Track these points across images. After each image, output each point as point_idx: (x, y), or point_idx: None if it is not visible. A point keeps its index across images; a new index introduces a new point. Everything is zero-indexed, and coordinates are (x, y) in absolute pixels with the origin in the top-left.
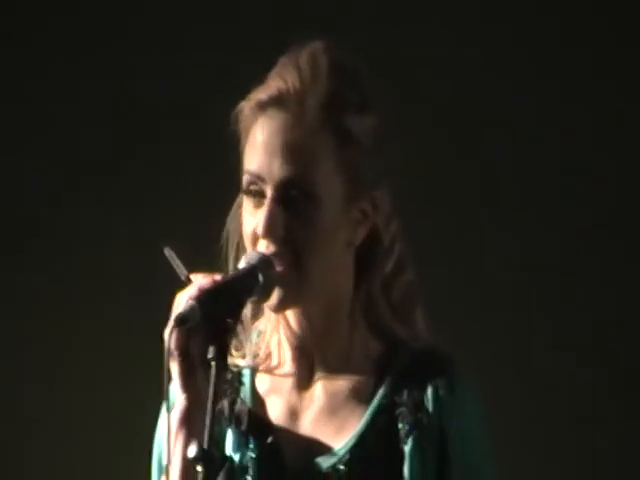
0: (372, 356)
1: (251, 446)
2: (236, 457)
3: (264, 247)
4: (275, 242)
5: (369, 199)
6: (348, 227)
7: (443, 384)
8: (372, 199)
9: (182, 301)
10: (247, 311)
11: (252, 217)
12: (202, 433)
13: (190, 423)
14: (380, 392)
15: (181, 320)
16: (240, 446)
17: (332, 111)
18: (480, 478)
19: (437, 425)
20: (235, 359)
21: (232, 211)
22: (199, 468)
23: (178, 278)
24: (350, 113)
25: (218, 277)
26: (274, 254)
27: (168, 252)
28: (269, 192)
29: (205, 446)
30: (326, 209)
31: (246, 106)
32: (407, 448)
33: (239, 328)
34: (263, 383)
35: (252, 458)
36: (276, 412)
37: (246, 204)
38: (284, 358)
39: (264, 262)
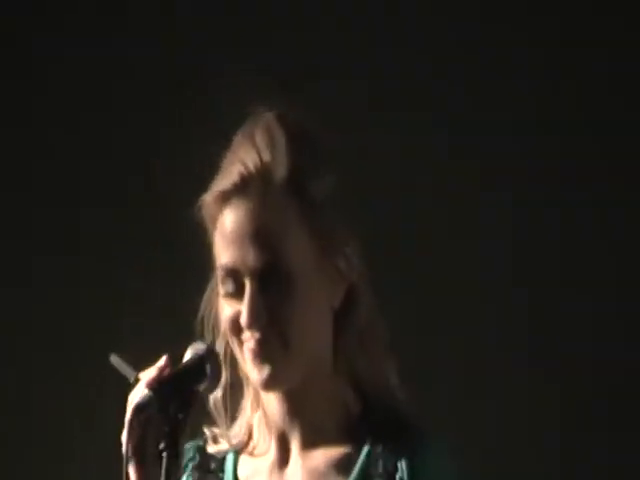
0: (349, 420)
1: None
2: None
3: (250, 336)
4: (260, 329)
5: (341, 255)
6: (327, 290)
7: (417, 456)
8: (344, 255)
9: (136, 395)
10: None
11: (231, 307)
12: None
13: None
14: (357, 466)
15: (139, 409)
16: None
17: (296, 184)
18: None
19: None
20: (219, 445)
21: (206, 295)
22: None
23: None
24: (312, 180)
25: (166, 370)
26: (261, 340)
27: (114, 359)
28: (247, 283)
29: None
30: (304, 282)
31: (209, 197)
32: None
33: (216, 413)
34: (245, 468)
35: None
36: None
37: (223, 297)
38: (263, 437)
39: (211, 353)
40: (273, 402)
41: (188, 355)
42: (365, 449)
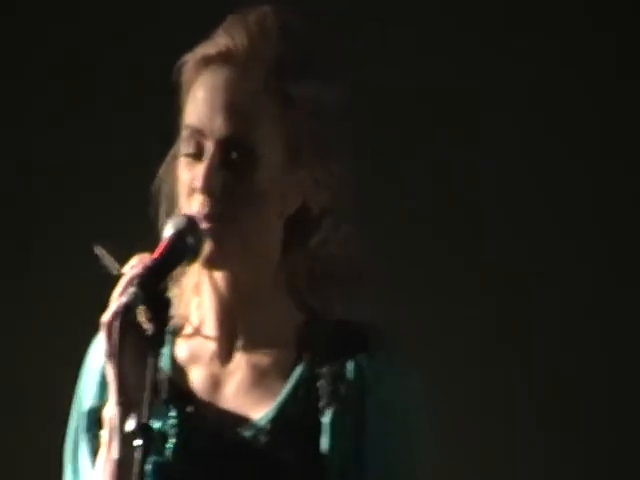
0: (294, 327)
1: (172, 414)
2: (156, 425)
3: (199, 203)
4: (211, 199)
5: (309, 170)
6: (284, 194)
7: (363, 355)
8: (311, 171)
9: (120, 287)
10: None
11: (189, 171)
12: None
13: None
14: (301, 365)
15: (127, 308)
16: (160, 414)
17: (277, 76)
18: (398, 450)
19: (356, 397)
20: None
21: (166, 162)
22: (137, 441)
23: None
24: (297, 78)
25: (148, 257)
26: (209, 211)
27: (98, 250)
28: (210, 148)
29: (144, 420)
30: (264, 170)
31: (191, 59)
32: (325, 420)
33: None
34: (183, 350)
35: (173, 425)
36: (197, 381)
37: (184, 157)
38: (204, 323)
39: (190, 224)
40: (222, 290)
41: (168, 231)
42: (309, 351)
